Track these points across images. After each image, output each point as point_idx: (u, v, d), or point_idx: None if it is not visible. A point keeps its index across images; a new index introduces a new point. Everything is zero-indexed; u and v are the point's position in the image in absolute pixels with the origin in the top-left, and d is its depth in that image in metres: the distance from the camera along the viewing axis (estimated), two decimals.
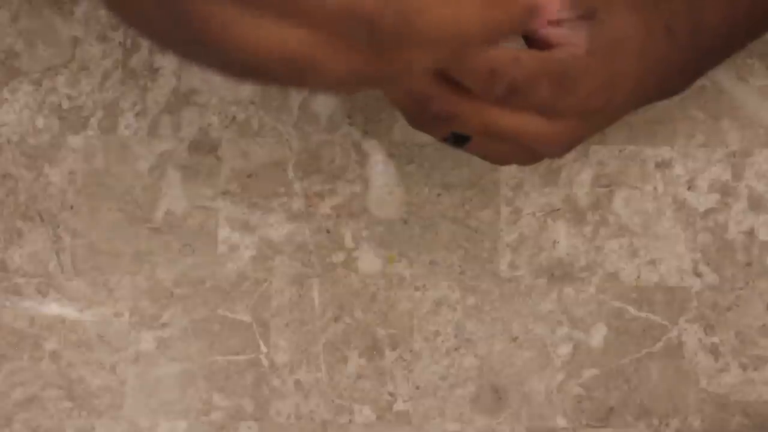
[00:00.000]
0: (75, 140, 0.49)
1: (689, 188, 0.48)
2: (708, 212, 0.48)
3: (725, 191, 0.48)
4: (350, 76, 0.25)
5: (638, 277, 0.48)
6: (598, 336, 0.47)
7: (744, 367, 0.47)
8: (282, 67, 0.24)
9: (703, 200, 0.48)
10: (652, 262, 0.48)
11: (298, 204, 0.49)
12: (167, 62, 0.49)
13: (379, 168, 0.49)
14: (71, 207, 0.49)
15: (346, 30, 0.23)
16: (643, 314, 0.48)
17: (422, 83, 0.32)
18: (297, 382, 0.47)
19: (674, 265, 0.48)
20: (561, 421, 0.47)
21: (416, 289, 0.48)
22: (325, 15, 0.23)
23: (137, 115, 0.49)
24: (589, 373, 0.47)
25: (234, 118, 0.49)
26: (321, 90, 0.26)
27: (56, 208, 0.49)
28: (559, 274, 0.48)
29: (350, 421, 0.47)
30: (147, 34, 0.25)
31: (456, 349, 0.47)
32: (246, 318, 0.48)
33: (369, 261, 0.48)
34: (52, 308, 0.48)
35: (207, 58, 0.25)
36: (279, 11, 0.23)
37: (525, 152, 0.37)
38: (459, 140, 0.36)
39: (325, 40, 0.24)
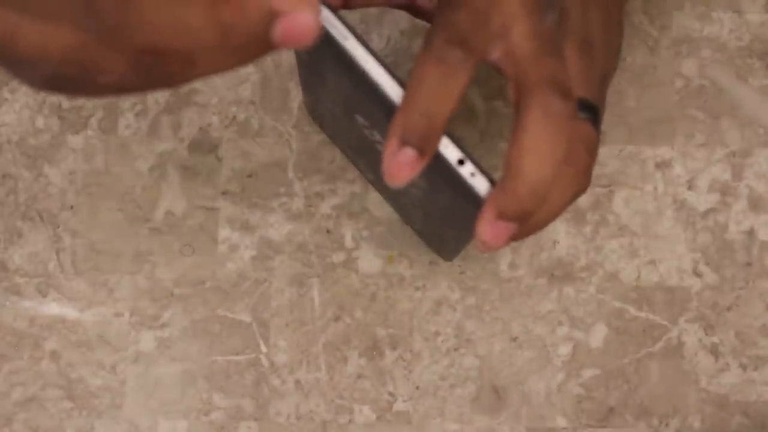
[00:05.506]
0: (75, 140, 0.49)
1: (689, 188, 0.48)
2: (708, 212, 0.48)
3: (725, 191, 0.48)
4: (129, 69, 0.26)
5: (638, 277, 0.48)
6: (598, 336, 0.47)
7: (744, 367, 0.47)
8: (68, 67, 0.25)
9: (703, 200, 0.48)
10: (652, 262, 0.48)
11: (298, 204, 0.49)
12: None
13: None
14: (71, 207, 0.49)
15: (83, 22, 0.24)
16: (643, 314, 0.48)
17: None
18: (297, 382, 0.47)
19: (674, 265, 0.48)
20: (561, 421, 0.47)
21: (416, 289, 0.48)
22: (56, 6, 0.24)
23: (137, 115, 0.49)
24: (589, 373, 0.47)
25: (234, 118, 0.49)
26: (115, 92, 0.27)
27: (56, 208, 0.49)
28: (559, 274, 0.48)
29: (350, 421, 0.47)
30: None
31: (456, 349, 0.47)
32: (246, 318, 0.48)
33: (369, 261, 0.48)
34: (52, 308, 0.48)
35: (12, 70, 0.26)
36: (36, 12, 0.24)
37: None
38: None
39: (86, 35, 0.25)
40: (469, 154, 0.32)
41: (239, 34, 0.26)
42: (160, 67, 0.26)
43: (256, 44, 0.27)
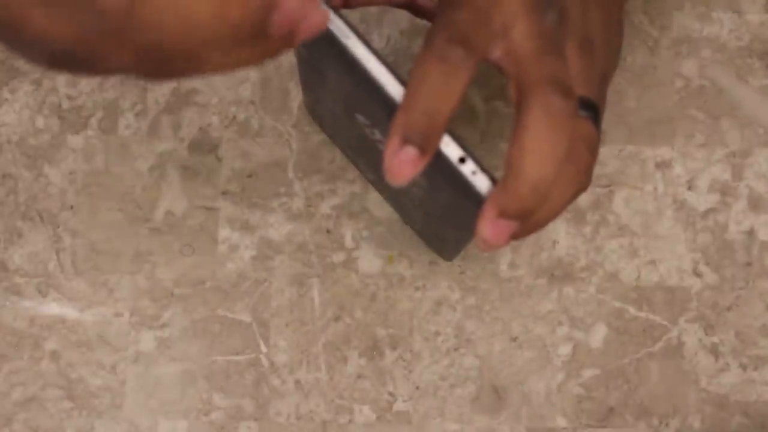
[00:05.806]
0: (75, 140, 0.49)
1: (689, 188, 0.48)
2: (708, 212, 0.48)
3: (725, 191, 0.48)
4: (135, 62, 0.26)
5: (638, 277, 0.48)
6: (598, 336, 0.47)
7: (744, 367, 0.47)
8: (76, 48, 0.25)
9: (703, 200, 0.48)
10: (652, 262, 0.48)
11: (298, 204, 0.49)
12: None
13: None
14: (71, 207, 0.49)
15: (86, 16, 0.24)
16: (643, 314, 0.48)
17: None
18: (297, 382, 0.47)
19: (674, 265, 0.48)
20: (561, 421, 0.47)
21: (416, 289, 0.48)
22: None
23: (137, 115, 0.49)
24: (589, 373, 0.47)
25: (234, 118, 0.49)
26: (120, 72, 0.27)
27: (56, 208, 0.49)
28: (559, 274, 0.48)
29: (350, 421, 0.47)
30: None
31: (456, 349, 0.47)
32: (246, 318, 0.48)
33: (369, 261, 0.48)
34: (52, 308, 0.48)
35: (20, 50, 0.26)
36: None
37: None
38: None
39: (91, 29, 0.25)
40: (470, 152, 0.32)
41: (244, 28, 0.26)
42: (166, 63, 0.26)
43: (259, 38, 0.27)
